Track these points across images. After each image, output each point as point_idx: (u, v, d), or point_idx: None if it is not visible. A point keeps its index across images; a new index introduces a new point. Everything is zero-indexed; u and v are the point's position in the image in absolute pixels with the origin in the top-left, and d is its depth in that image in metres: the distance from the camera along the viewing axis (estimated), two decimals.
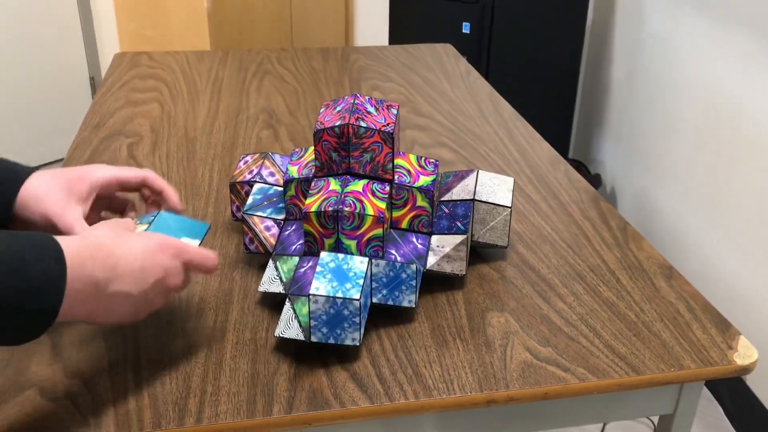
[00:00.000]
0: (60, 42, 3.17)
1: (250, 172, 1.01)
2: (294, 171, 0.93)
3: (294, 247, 0.89)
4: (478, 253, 1.02)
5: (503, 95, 1.68)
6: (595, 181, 2.74)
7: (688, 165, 2.19)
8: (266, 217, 0.94)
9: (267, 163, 1.02)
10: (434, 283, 0.95)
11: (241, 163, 1.04)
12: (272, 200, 0.96)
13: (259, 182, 0.98)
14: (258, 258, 0.99)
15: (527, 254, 1.02)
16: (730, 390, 1.92)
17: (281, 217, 0.95)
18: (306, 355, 0.82)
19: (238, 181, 1.01)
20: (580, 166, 2.84)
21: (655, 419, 1.87)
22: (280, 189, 0.98)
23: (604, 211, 1.14)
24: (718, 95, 2.01)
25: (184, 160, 1.29)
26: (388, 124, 0.86)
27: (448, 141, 1.39)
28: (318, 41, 3.44)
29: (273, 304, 0.90)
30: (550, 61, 2.62)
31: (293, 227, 0.92)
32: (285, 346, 0.83)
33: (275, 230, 0.94)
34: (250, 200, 0.95)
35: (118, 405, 0.74)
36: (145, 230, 0.80)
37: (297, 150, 0.97)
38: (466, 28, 2.48)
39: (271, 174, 1.00)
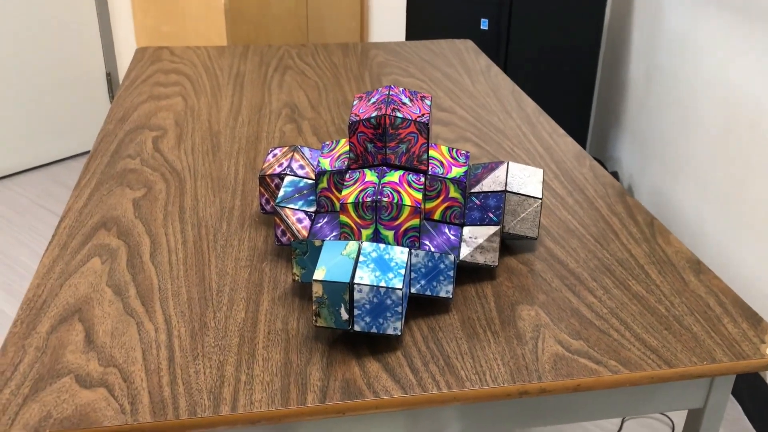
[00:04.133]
0: (77, 38, 3.19)
1: (280, 165, 1.02)
2: (326, 163, 0.93)
3: (327, 238, 0.89)
4: (506, 246, 1.02)
5: None
6: (607, 173, 2.73)
7: (706, 162, 2.18)
8: (298, 209, 0.94)
9: (297, 156, 1.02)
10: (462, 275, 0.95)
11: (270, 156, 1.05)
12: (303, 192, 0.97)
13: (289, 175, 0.98)
14: (287, 250, 1.00)
15: (555, 248, 1.02)
16: (750, 388, 1.91)
17: (312, 209, 0.95)
18: (338, 345, 0.82)
19: (267, 173, 1.01)
20: (593, 159, 2.83)
21: (674, 416, 1.86)
22: (311, 181, 0.98)
23: (630, 205, 1.14)
24: (737, 93, 2.00)
25: (209, 153, 1.29)
26: (423, 115, 0.86)
27: (472, 136, 1.39)
28: (334, 37, 3.45)
29: (303, 295, 0.91)
30: (568, 58, 2.62)
31: (325, 219, 0.92)
32: (317, 336, 0.83)
33: (307, 222, 0.94)
34: (281, 192, 0.96)
35: (153, 393, 0.75)
36: None
37: (328, 143, 0.97)
38: (484, 24, 2.48)
39: (301, 167, 1.00)
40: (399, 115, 0.85)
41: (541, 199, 0.96)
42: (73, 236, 1.02)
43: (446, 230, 0.91)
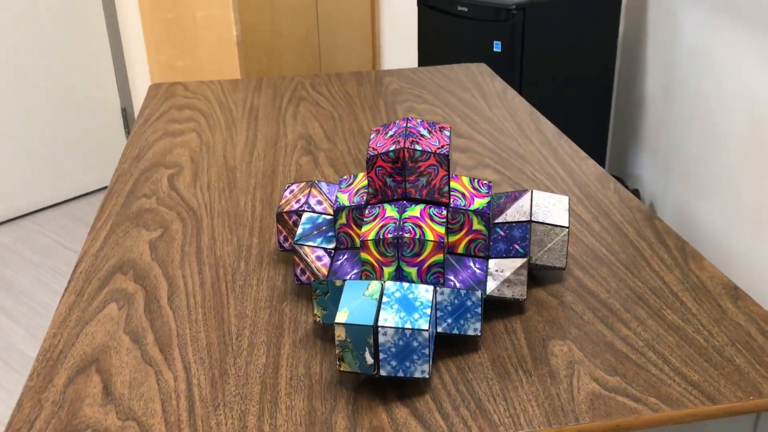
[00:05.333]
0: (91, 74, 3.21)
1: (297, 201, 0.99)
2: (344, 199, 0.91)
3: (348, 277, 0.86)
4: (534, 277, 0.98)
5: None
6: (634, 196, 2.69)
7: (732, 178, 2.13)
8: (317, 247, 0.92)
9: (314, 191, 1.00)
10: (490, 310, 0.91)
11: (287, 192, 1.03)
12: (321, 229, 0.94)
13: (307, 211, 0.96)
14: (307, 289, 0.97)
15: (584, 277, 0.99)
16: None
17: (332, 246, 0.92)
18: (364, 390, 0.79)
19: (285, 210, 0.99)
20: (618, 182, 2.79)
21: None
22: (329, 218, 0.96)
23: (659, 230, 1.10)
24: (761, 105, 1.96)
25: (225, 189, 1.27)
26: (442, 146, 0.83)
27: (491, 162, 1.36)
28: (346, 65, 3.45)
29: (325, 337, 0.88)
30: (583, 76, 2.59)
31: (345, 256, 0.90)
32: (341, 380, 0.80)
33: (326, 260, 0.91)
34: (299, 230, 0.93)
35: None
36: None
37: (345, 177, 0.95)
38: (497, 46, 2.46)
39: (319, 203, 0.98)
40: (418, 148, 0.83)
41: (568, 227, 0.93)
42: (89, 281, 1.00)
43: (471, 264, 0.88)
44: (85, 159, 3.24)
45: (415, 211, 0.83)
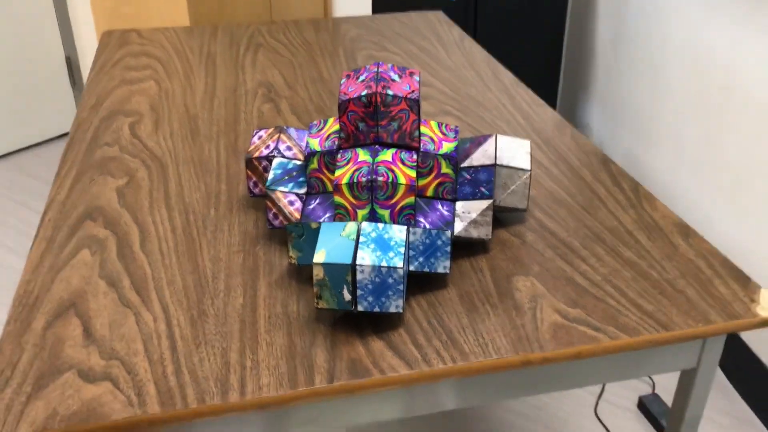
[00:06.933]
0: (32, 22, 3.10)
1: (267, 146, 1.01)
2: (315, 144, 0.93)
3: (321, 220, 0.89)
4: (497, 218, 1.03)
5: None
6: (589, 142, 2.76)
7: (678, 126, 2.21)
8: (289, 192, 0.94)
9: (283, 137, 1.01)
10: (457, 249, 0.95)
11: (255, 138, 1.04)
12: (292, 174, 0.96)
13: (277, 157, 0.98)
14: (279, 233, 0.99)
15: (544, 218, 1.03)
16: (726, 344, 1.96)
17: (303, 191, 0.94)
18: (340, 326, 0.82)
19: (255, 156, 1.00)
20: (574, 128, 2.85)
21: (655, 376, 1.91)
22: (300, 163, 0.98)
23: (614, 173, 1.15)
24: (708, 56, 2.02)
25: (188, 137, 1.27)
26: (413, 91, 0.86)
27: (452, 109, 1.39)
28: (299, 12, 3.40)
29: (300, 278, 0.90)
30: (535, 27, 2.62)
31: (317, 200, 0.92)
32: (318, 317, 0.83)
33: (298, 204, 0.93)
34: (271, 175, 0.95)
35: (159, 383, 0.74)
36: None
37: (315, 122, 0.97)
38: None
39: (289, 148, 1.00)
40: (390, 92, 0.85)
41: (530, 170, 0.97)
42: (59, 229, 1.00)
43: (439, 206, 0.91)
44: (28, 110, 3.15)
45: (387, 155, 0.86)
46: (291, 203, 0.94)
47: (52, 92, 3.21)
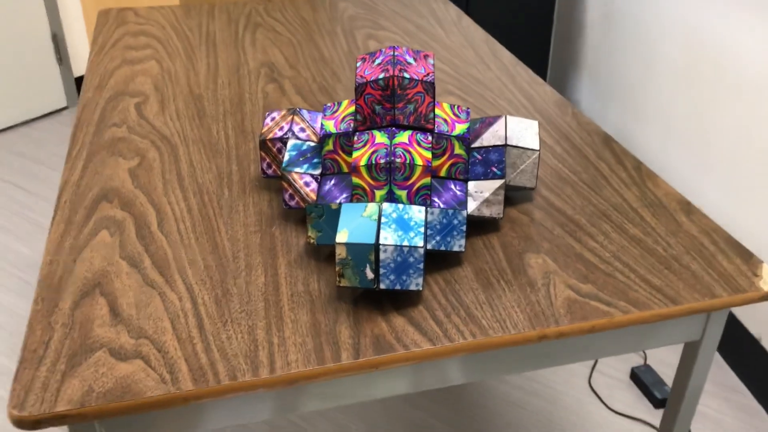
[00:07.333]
0: None
1: (280, 128, 1.02)
2: (330, 126, 0.94)
3: (338, 201, 0.91)
4: (507, 197, 1.05)
5: None
6: (591, 120, 2.79)
7: (668, 103, 2.24)
8: (304, 173, 0.95)
9: (297, 119, 1.03)
10: (469, 227, 0.98)
11: (268, 119, 1.05)
12: (307, 156, 0.98)
13: (292, 138, 0.99)
14: (295, 213, 1.01)
15: (551, 196, 1.06)
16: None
17: (318, 172, 0.96)
18: (362, 303, 0.85)
19: (269, 138, 1.02)
20: (580, 111, 2.88)
21: None
22: (313, 144, 0.99)
23: (617, 151, 1.18)
24: (699, 34, 2.05)
25: (195, 118, 1.28)
26: (428, 74, 0.88)
27: (454, 89, 1.41)
28: None
29: (318, 256, 0.93)
30: (525, 3, 2.64)
31: (332, 182, 0.94)
32: (339, 295, 0.86)
33: (314, 185, 0.95)
34: (287, 157, 0.97)
35: (190, 361, 0.77)
36: None
37: (330, 105, 0.98)
38: None
39: (302, 130, 1.01)
40: (406, 75, 0.87)
41: (538, 150, 1.00)
42: (75, 210, 1.01)
43: (452, 186, 0.94)
44: (15, 88, 3.12)
45: (404, 137, 0.88)
46: (307, 184, 0.96)
47: (38, 70, 3.18)
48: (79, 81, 3.35)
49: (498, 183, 0.94)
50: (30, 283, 2.12)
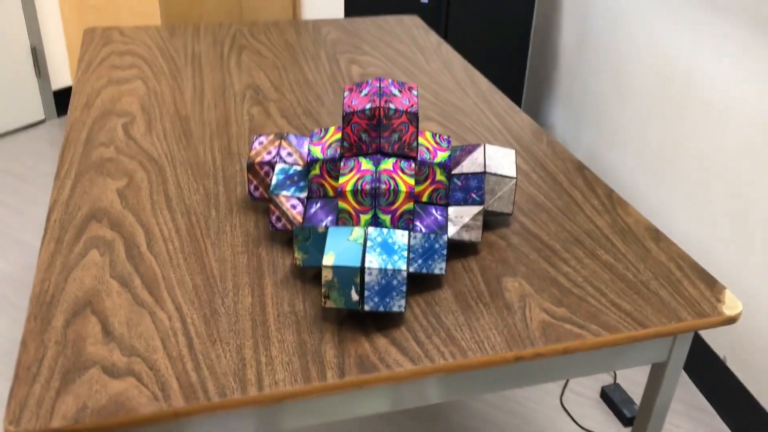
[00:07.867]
0: None
1: (269, 152, 1.06)
2: (317, 151, 0.98)
3: (323, 224, 0.95)
4: (484, 221, 1.10)
5: None
6: (565, 148, 2.86)
7: (638, 128, 2.32)
8: (291, 196, 0.99)
9: (284, 143, 1.06)
10: (449, 251, 1.02)
11: (256, 143, 1.09)
12: (293, 179, 1.01)
13: (279, 163, 1.03)
14: (280, 235, 1.05)
15: (527, 222, 1.11)
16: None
17: (304, 195, 1.00)
18: (346, 324, 0.88)
19: (257, 161, 1.05)
20: (554, 139, 2.95)
21: None
22: (300, 168, 1.03)
23: (589, 179, 1.23)
24: (668, 59, 2.13)
25: (182, 139, 1.31)
26: (412, 105, 0.92)
27: (434, 114, 1.45)
28: (267, 13, 3.42)
29: (304, 278, 0.96)
30: (502, 29, 2.71)
31: (318, 205, 0.98)
32: (324, 316, 0.89)
33: (300, 208, 0.99)
34: (274, 180, 1.00)
35: (181, 379, 0.79)
36: None
37: (317, 131, 1.02)
38: None
39: (289, 154, 1.05)
40: (392, 106, 0.91)
41: (516, 178, 1.04)
42: (65, 230, 1.04)
43: (434, 211, 0.98)
44: None
45: (389, 164, 0.92)
46: (293, 207, 0.99)
47: (16, 83, 3.18)
48: (57, 94, 3.35)
49: (477, 209, 0.98)
50: (6, 296, 2.12)
